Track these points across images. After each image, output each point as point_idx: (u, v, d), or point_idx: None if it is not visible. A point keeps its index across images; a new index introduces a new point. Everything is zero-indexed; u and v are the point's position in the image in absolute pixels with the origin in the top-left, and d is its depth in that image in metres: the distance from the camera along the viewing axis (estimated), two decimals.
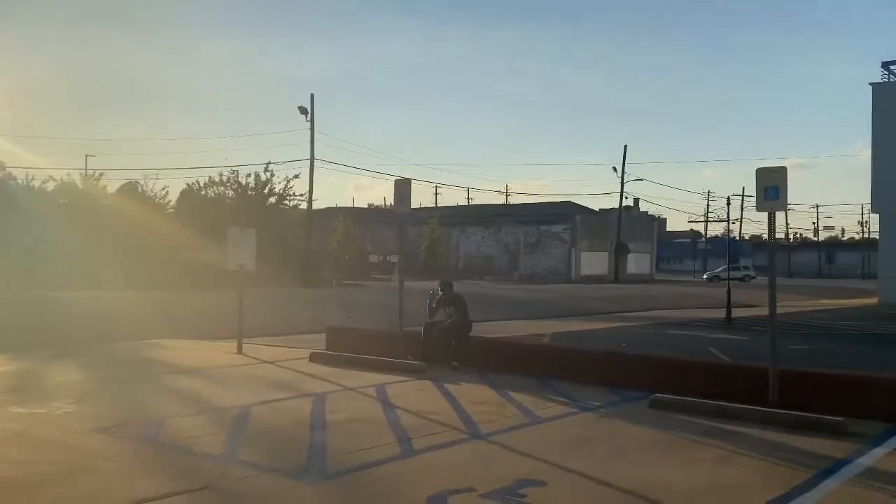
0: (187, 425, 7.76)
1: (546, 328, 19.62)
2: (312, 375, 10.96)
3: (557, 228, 67.67)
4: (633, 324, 21.99)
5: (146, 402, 9.02)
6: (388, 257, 66.43)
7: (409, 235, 69.61)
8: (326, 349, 13.32)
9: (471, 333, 12.12)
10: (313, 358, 12.36)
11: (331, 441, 7.20)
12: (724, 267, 79.49)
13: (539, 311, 26.86)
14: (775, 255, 8.89)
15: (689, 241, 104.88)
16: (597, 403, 9.19)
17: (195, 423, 7.89)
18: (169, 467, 6.27)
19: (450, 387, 10.17)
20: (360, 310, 24.98)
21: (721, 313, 24.77)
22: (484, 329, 14.85)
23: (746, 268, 77.01)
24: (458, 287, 12.69)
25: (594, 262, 67.52)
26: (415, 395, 9.62)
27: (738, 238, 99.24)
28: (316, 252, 51.04)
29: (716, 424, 8.07)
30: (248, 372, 11.31)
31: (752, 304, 33.23)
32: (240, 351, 13.17)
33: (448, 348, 11.80)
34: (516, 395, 9.58)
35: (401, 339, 12.08)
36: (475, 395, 9.63)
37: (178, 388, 10.02)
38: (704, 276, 73.09)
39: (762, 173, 8.57)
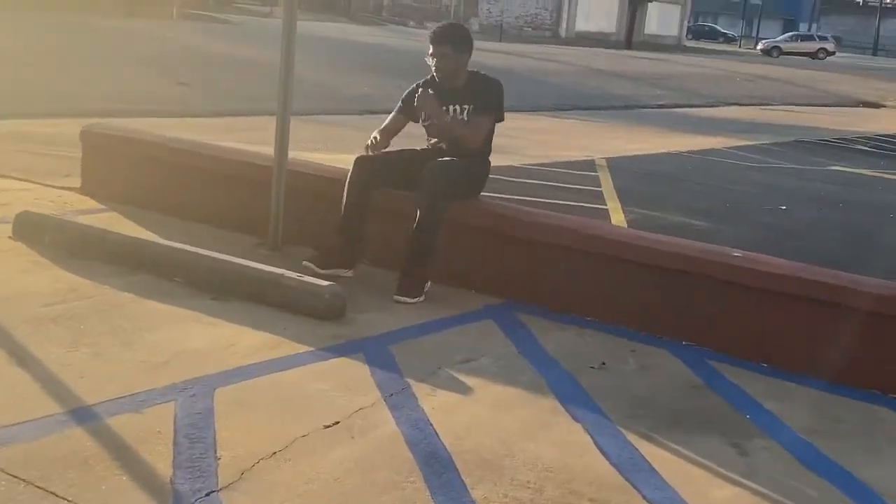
0: None
1: (577, 142, 14.45)
2: None
3: None
4: (742, 142, 16.17)
5: None
6: None
7: None
8: (82, 191, 7.49)
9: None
10: (21, 232, 6.07)
11: None
12: (788, 34, 74.72)
13: (534, 97, 20.92)
14: None
15: None
16: None
17: None
18: None
19: (428, 401, 4.36)
20: (210, 72, 19.02)
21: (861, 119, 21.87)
22: None
23: (824, 38, 71.88)
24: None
25: (597, 13, 62.52)
26: (324, 463, 3.79)
27: None
28: None
29: None
30: None
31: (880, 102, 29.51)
32: None
33: (409, 234, 5.80)
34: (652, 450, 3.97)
35: (282, 190, 6.21)
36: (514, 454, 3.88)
37: None
38: (759, 48, 68.46)
39: None
